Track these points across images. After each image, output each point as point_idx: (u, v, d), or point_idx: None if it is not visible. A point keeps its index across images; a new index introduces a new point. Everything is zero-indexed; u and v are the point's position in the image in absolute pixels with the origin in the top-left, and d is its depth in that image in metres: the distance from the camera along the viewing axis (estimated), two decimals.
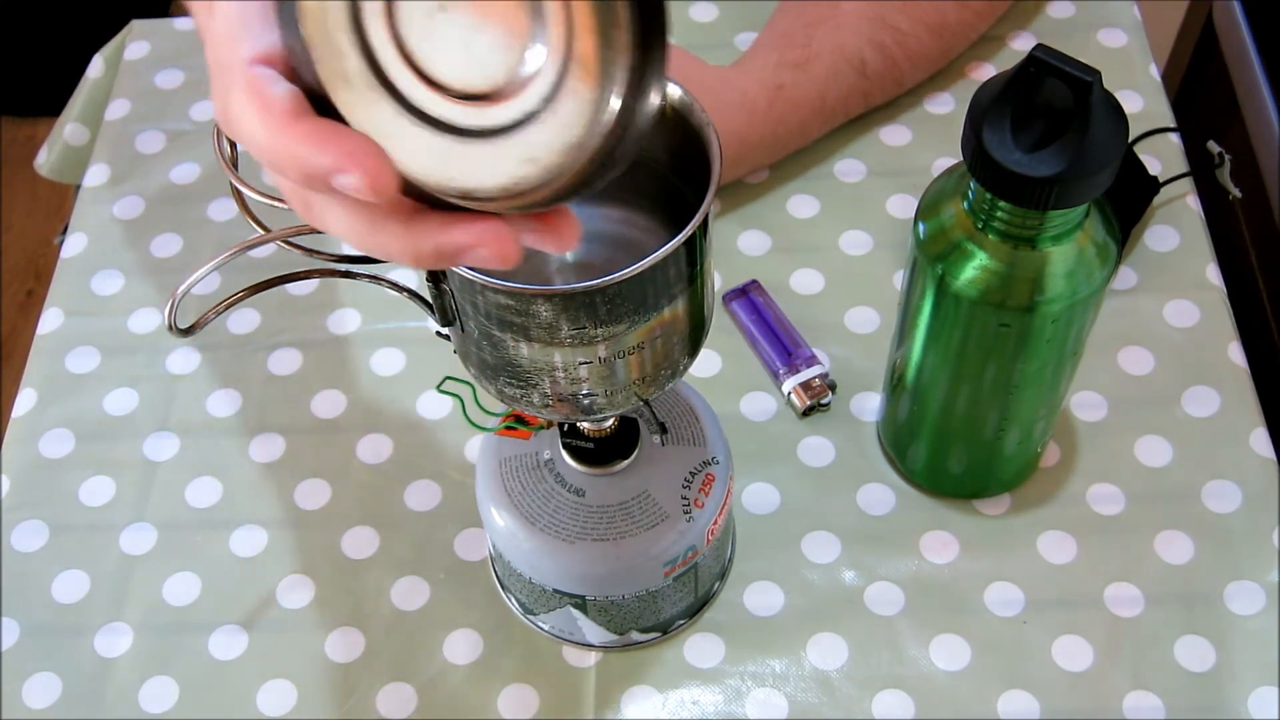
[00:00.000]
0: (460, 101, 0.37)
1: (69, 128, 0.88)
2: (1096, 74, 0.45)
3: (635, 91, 0.39)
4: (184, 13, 0.89)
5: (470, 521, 0.66)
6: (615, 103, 0.39)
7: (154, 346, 0.73)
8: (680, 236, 0.42)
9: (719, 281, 0.73)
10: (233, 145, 0.48)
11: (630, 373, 0.46)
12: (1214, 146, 0.75)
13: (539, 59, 0.38)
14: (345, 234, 0.38)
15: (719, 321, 0.72)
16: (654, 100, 0.39)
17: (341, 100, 0.36)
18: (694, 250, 0.44)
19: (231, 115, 0.36)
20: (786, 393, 0.69)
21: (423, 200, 0.37)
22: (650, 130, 0.39)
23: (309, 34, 0.35)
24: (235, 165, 0.47)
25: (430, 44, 0.37)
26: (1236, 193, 0.75)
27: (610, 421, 0.55)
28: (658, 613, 0.59)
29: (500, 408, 0.57)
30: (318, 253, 0.47)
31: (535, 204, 0.38)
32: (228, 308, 0.46)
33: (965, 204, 0.52)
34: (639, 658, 0.62)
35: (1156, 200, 0.74)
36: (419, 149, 0.37)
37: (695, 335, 0.48)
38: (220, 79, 0.37)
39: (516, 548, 0.56)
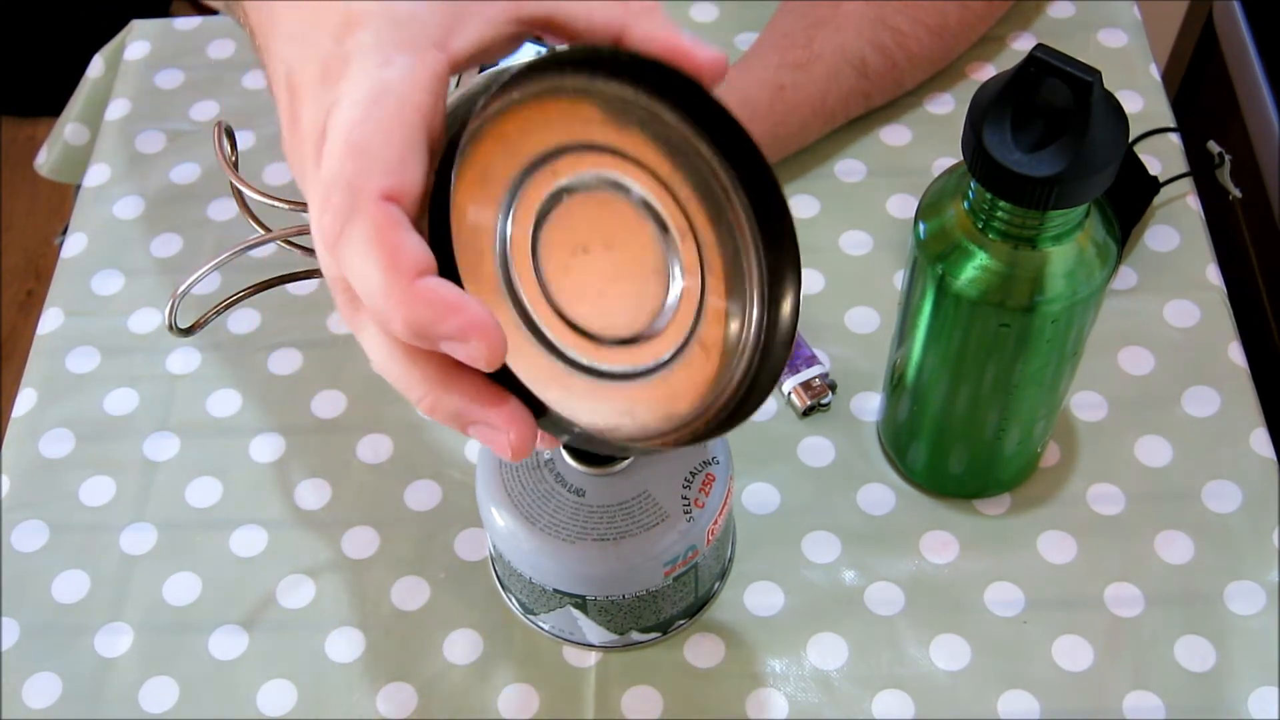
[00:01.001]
0: (577, 335, 0.38)
1: (69, 128, 0.88)
2: (1097, 74, 0.45)
3: (749, 389, 0.40)
4: (185, 12, 0.88)
5: (470, 521, 0.66)
6: (725, 395, 0.40)
7: (154, 346, 0.73)
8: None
9: None
10: (233, 145, 0.48)
11: None
12: (1214, 146, 0.75)
13: (664, 325, 0.39)
14: (376, 356, 0.38)
15: None
16: (762, 399, 0.40)
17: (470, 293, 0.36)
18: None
19: (343, 243, 0.35)
20: (786, 393, 0.69)
21: None
22: (749, 417, 0.40)
23: (456, 232, 0.35)
24: (236, 165, 0.47)
25: (565, 278, 0.38)
26: (1236, 193, 0.75)
27: None
28: (658, 613, 0.59)
29: None
30: None
31: (613, 451, 0.39)
32: (228, 308, 0.46)
33: (965, 204, 0.52)
34: (639, 658, 0.62)
35: (1156, 200, 0.74)
36: (526, 364, 0.37)
37: None
38: (337, 191, 0.35)
39: (517, 548, 0.56)
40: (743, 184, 0.40)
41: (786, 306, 0.40)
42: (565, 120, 0.38)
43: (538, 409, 0.37)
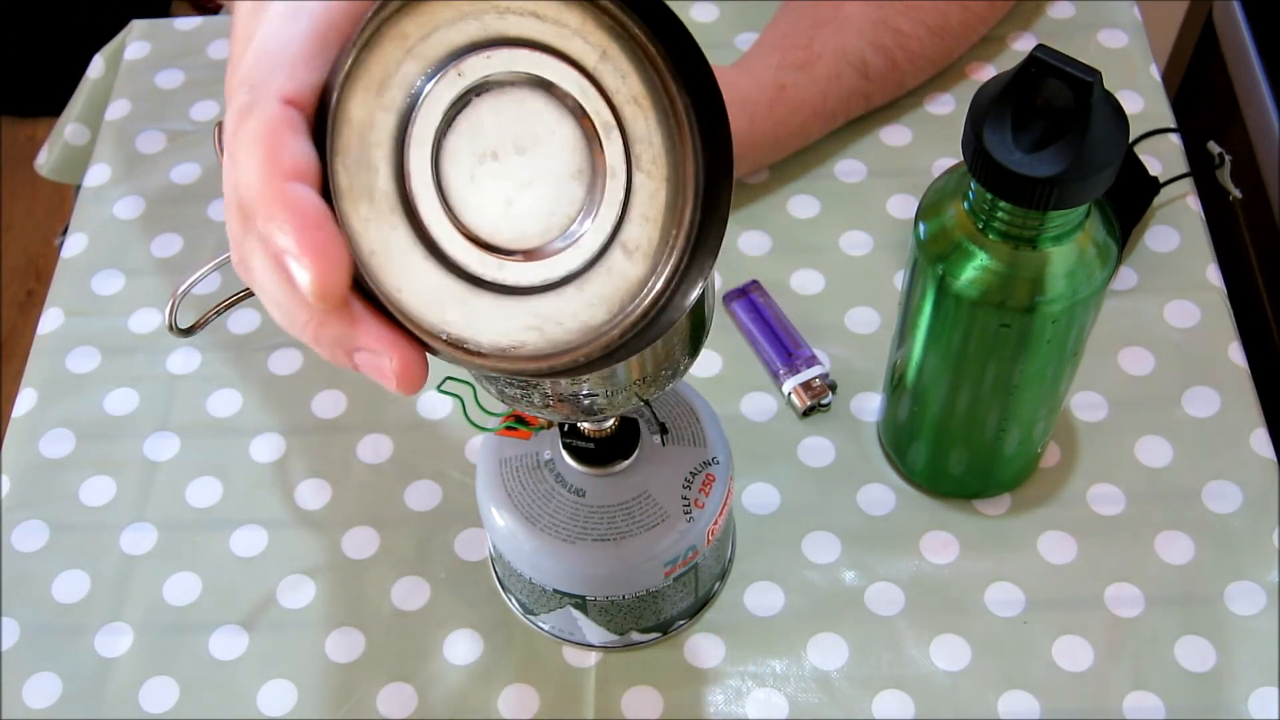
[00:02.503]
0: (482, 250, 0.36)
1: (69, 128, 0.88)
2: (1097, 74, 0.45)
3: (671, 294, 0.38)
4: (185, 12, 0.89)
5: (471, 521, 0.66)
6: (647, 300, 0.38)
7: (154, 346, 0.73)
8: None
9: (719, 282, 0.73)
10: None
11: (631, 373, 0.46)
12: (1214, 147, 0.75)
13: (581, 232, 0.37)
14: (262, 284, 0.36)
15: (719, 321, 0.72)
16: (686, 305, 0.38)
17: (358, 214, 0.35)
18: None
19: (236, 139, 0.34)
20: (787, 393, 0.69)
21: (361, 296, 0.35)
22: (665, 333, 0.38)
23: (344, 140, 0.34)
24: None
25: (470, 187, 0.36)
26: (1237, 193, 0.75)
27: (611, 422, 0.55)
28: (658, 613, 0.59)
29: (500, 408, 0.57)
30: None
31: (522, 373, 0.37)
32: (228, 308, 0.46)
33: (966, 204, 0.52)
34: (639, 658, 0.62)
35: (1157, 201, 0.74)
36: (423, 285, 0.36)
37: (696, 336, 0.48)
38: (242, 90, 0.35)
39: (517, 548, 0.56)
40: (678, 74, 0.38)
41: (722, 198, 0.38)
42: (477, 13, 0.36)
43: (425, 340, 0.35)
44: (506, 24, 0.36)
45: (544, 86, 0.37)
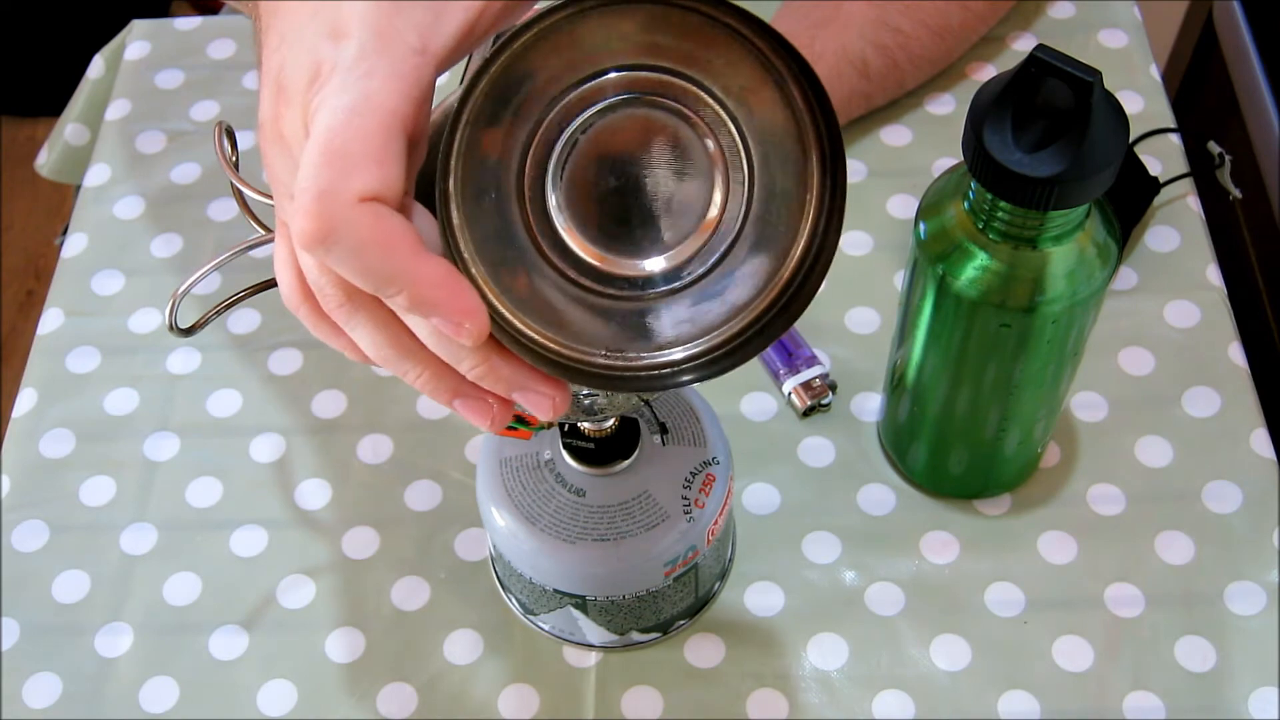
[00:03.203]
0: (624, 269, 0.39)
1: (69, 128, 0.88)
2: (1097, 74, 0.45)
3: (808, 271, 0.40)
4: (185, 12, 0.88)
5: (471, 521, 0.66)
6: (786, 273, 0.40)
7: (154, 346, 0.73)
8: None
9: None
10: (233, 145, 0.48)
11: None
12: (1214, 147, 0.75)
13: (714, 227, 0.39)
14: (402, 338, 0.39)
15: None
16: (819, 283, 0.40)
17: (498, 274, 0.38)
18: None
19: (331, 244, 0.35)
20: (787, 393, 0.69)
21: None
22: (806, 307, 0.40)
23: (470, 214, 0.37)
24: (236, 165, 0.47)
25: (602, 210, 0.39)
26: (1236, 193, 0.75)
27: (611, 422, 0.55)
28: (658, 613, 0.59)
29: None
30: None
31: (676, 367, 0.40)
32: (228, 308, 0.46)
33: (966, 204, 0.52)
34: (639, 658, 0.62)
35: (1157, 200, 0.74)
36: (576, 318, 0.39)
37: None
38: (308, 186, 0.35)
39: (517, 548, 0.56)
40: (777, 52, 0.39)
41: (845, 166, 0.39)
42: (572, 52, 0.37)
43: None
44: (609, 53, 0.38)
45: (648, 104, 0.38)
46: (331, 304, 0.39)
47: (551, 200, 0.38)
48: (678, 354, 0.40)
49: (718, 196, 0.39)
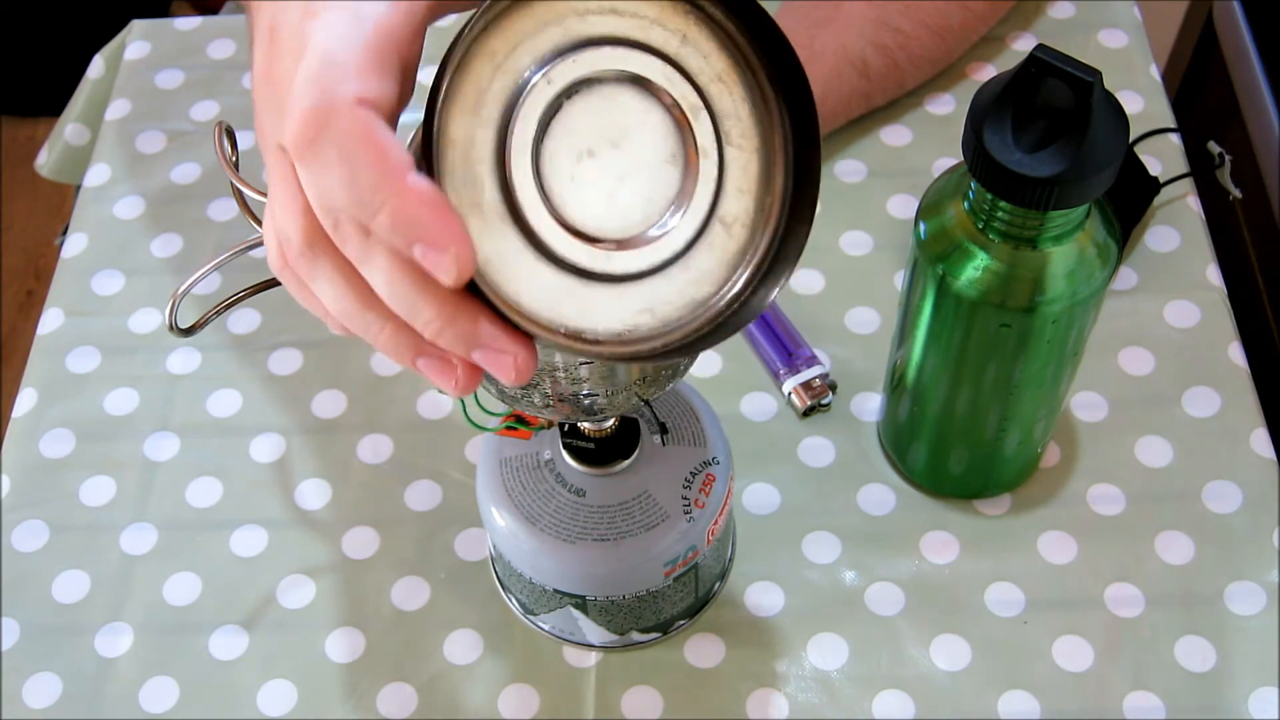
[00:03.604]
0: (589, 244, 0.38)
1: (69, 128, 0.88)
2: (1097, 74, 0.45)
3: (772, 260, 0.40)
4: (185, 12, 0.88)
5: (471, 521, 0.66)
6: (749, 269, 0.40)
7: (154, 346, 0.73)
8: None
9: None
10: (233, 145, 0.48)
11: (631, 373, 0.46)
12: (1214, 147, 0.75)
13: (681, 214, 0.39)
14: (378, 279, 0.37)
15: None
16: (787, 273, 0.39)
17: (470, 227, 0.36)
18: None
19: (319, 147, 0.35)
20: (787, 393, 0.69)
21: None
22: (771, 302, 0.39)
23: (449, 161, 0.36)
24: (236, 165, 0.47)
25: (572, 187, 0.38)
26: (1237, 193, 0.75)
27: (611, 422, 0.55)
28: (658, 613, 0.59)
29: (501, 408, 0.57)
30: None
31: (638, 355, 0.39)
32: (228, 308, 0.46)
33: (966, 204, 0.52)
34: (639, 658, 0.62)
35: (1157, 200, 0.74)
36: (537, 284, 0.37)
37: None
38: (308, 93, 0.35)
39: (517, 548, 0.56)
40: (757, 46, 0.39)
41: (813, 163, 0.39)
42: (558, 19, 0.37)
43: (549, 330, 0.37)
44: (587, 25, 0.38)
45: (630, 79, 0.38)
46: (293, 253, 0.38)
47: (524, 170, 0.37)
48: (638, 346, 0.39)
49: (689, 183, 0.39)
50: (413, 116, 0.40)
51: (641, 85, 0.38)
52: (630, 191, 0.38)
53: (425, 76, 0.38)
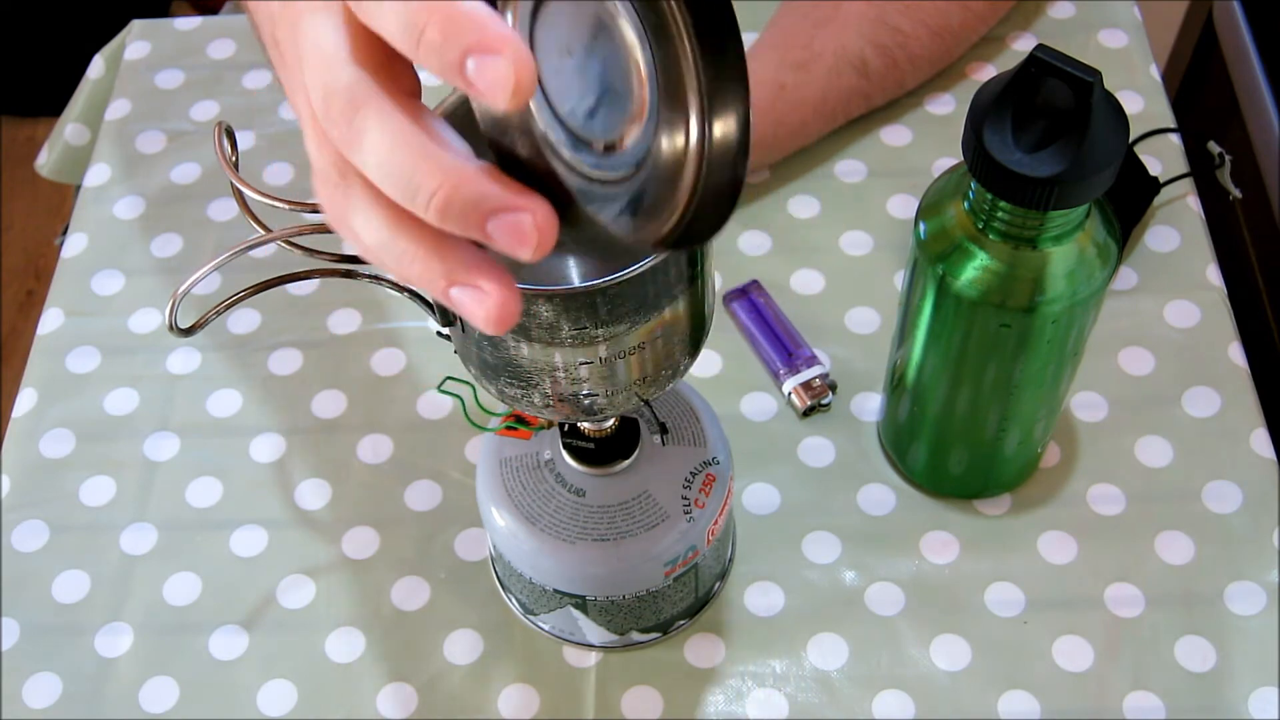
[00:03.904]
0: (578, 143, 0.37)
1: (69, 128, 0.88)
2: (1097, 74, 0.45)
3: (709, 143, 0.38)
4: (185, 12, 0.88)
5: (471, 521, 0.66)
6: (693, 132, 0.38)
7: (154, 346, 0.73)
8: None
9: (719, 281, 0.73)
10: (233, 145, 0.48)
11: (631, 373, 0.46)
12: (1214, 147, 0.75)
13: (636, 116, 0.38)
14: (382, 143, 0.34)
15: (719, 321, 0.72)
16: (728, 125, 0.38)
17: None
18: (694, 250, 0.44)
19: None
20: (787, 393, 0.69)
21: None
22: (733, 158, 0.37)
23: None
24: (236, 165, 0.47)
25: (558, 78, 0.37)
26: (1237, 193, 0.75)
27: (611, 422, 0.55)
28: (658, 613, 0.59)
29: (501, 408, 0.57)
30: (318, 253, 0.47)
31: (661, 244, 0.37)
32: (228, 308, 0.46)
33: (966, 204, 0.52)
34: (639, 658, 0.62)
35: (1157, 201, 0.74)
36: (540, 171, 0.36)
37: (696, 335, 0.48)
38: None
39: (517, 548, 0.56)
40: None
41: (729, 124, 0.38)
42: None
43: (564, 198, 0.35)
44: None
45: None
46: (329, 186, 0.36)
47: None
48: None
49: (638, 101, 0.37)
50: None
51: (601, 7, 0.37)
52: (603, 98, 0.37)
53: None
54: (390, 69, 0.35)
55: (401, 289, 0.48)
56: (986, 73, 0.81)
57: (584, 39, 0.37)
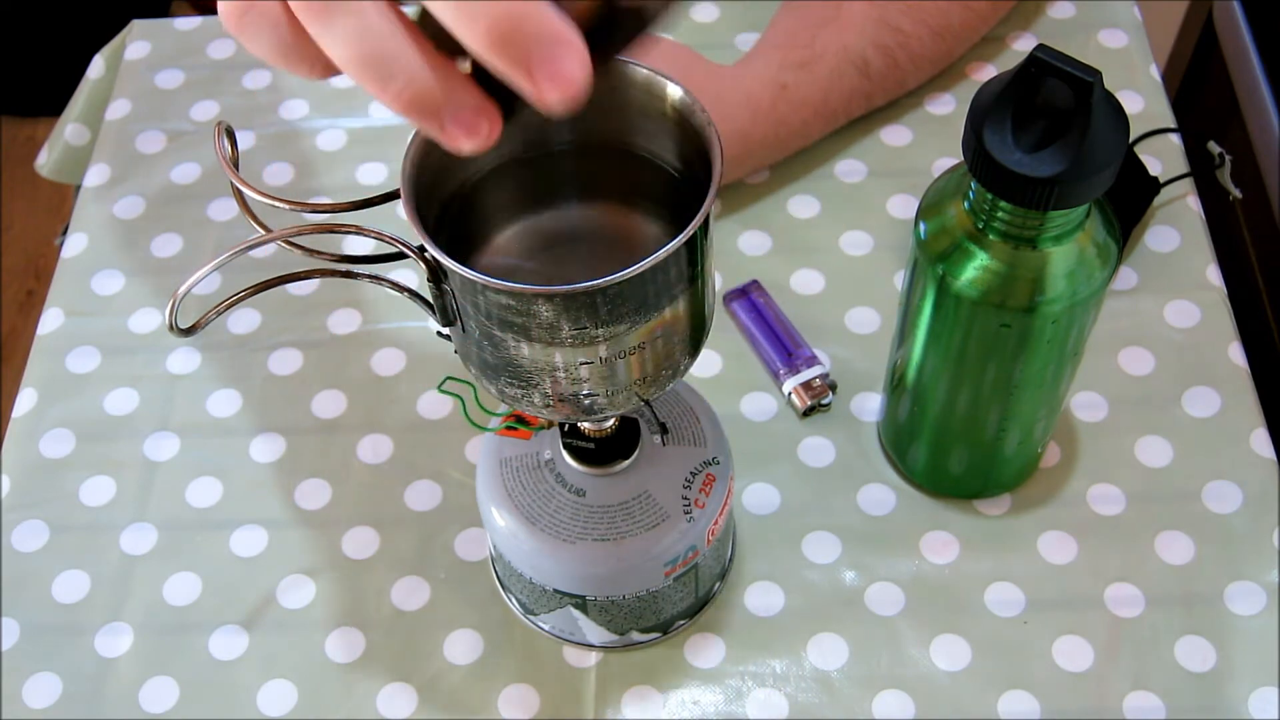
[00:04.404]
0: None
1: (69, 128, 0.88)
2: (1097, 74, 0.45)
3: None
4: (185, 12, 0.89)
5: (471, 521, 0.66)
6: None
7: (154, 346, 0.73)
8: (681, 236, 0.42)
9: (719, 281, 0.73)
10: (233, 145, 0.48)
11: (631, 373, 0.46)
12: (1214, 147, 0.75)
13: None
14: (357, 38, 0.33)
15: (719, 321, 0.72)
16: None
17: None
18: (695, 250, 0.44)
19: None
20: (787, 393, 0.69)
21: None
22: None
23: None
24: (236, 165, 0.47)
25: None
26: (1237, 193, 0.75)
27: (611, 422, 0.55)
28: (658, 613, 0.59)
29: (501, 408, 0.57)
30: (318, 253, 0.47)
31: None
32: (228, 308, 0.46)
33: (966, 204, 0.52)
34: (639, 658, 0.62)
35: (1157, 200, 0.74)
36: None
37: (696, 335, 0.48)
38: None
39: (517, 548, 0.56)
40: None
41: None
42: None
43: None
44: None
45: None
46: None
47: None
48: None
49: None
50: None
51: None
52: None
53: None
54: None
55: (401, 289, 0.48)
56: (986, 73, 0.81)
57: None
